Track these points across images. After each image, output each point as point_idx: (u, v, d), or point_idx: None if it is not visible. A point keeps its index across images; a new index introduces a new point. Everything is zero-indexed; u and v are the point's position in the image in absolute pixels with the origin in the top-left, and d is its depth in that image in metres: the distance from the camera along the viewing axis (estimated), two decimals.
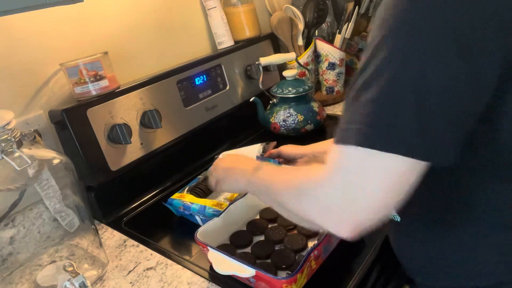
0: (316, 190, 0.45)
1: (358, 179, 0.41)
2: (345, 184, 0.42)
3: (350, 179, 0.41)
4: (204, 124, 1.03)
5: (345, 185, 0.42)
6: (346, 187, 0.42)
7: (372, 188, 0.40)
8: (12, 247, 0.74)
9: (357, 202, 0.41)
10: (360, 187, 0.41)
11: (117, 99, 0.84)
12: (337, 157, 0.43)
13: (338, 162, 0.43)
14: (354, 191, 0.41)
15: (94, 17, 0.89)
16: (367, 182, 0.40)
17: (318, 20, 1.26)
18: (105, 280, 0.68)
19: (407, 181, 0.40)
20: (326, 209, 0.44)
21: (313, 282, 0.61)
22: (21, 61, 0.78)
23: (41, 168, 0.65)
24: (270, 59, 1.12)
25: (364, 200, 0.41)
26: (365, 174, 0.40)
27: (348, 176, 0.41)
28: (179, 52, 1.08)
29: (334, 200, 0.42)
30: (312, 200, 0.45)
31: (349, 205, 0.42)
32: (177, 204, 0.81)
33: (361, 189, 0.41)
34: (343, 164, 0.42)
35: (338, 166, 0.43)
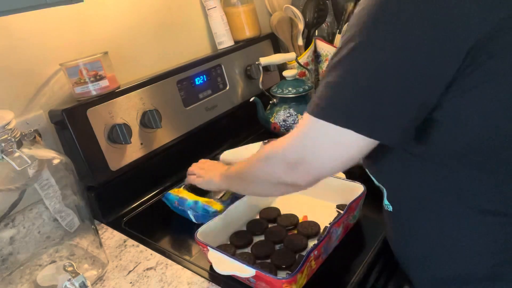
0: (279, 151, 0.54)
1: (311, 143, 0.49)
2: (301, 146, 0.51)
3: (305, 143, 0.50)
4: (204, 124, 1.03)
5: (301, 147, 0.51)
6: (302, 148, 0.50)
7: (322, 152, 0.49)
8: (12, 247, 0.74)
9: (310, 162, 0.50)
10: (312, 150, 0.50)
11: (117, 99, 0.84)
12: (301, 124, 0.51)
13: (300, 128, 0.51)
14: (307, 152, 0.50)
15: (94, 17, 0.89)
16: (318, 147, 0.49)
17: (318, 20, 1.26)
18: (105, 280, 0.68)
19: (353, 152, 0.48)
20: (286, 165, 0.53)
21: (313, 282, 0.61)
22: (21, 61, 0.78)
23: (41, 168, 0.65)
24: (270, 59, 1.12)
25: (315, 160, 0.50)
26: (317, 140, 0.49)
27: (305, 141, 0.50)
28: (179, 52, 1.08)
29: (291, 158, 0.52)
30: (276, 160, 0.55)
31: (303, 163, 0.51)
32: (172, 199, 0.82)
33: (313, 151, 0.50)
34: (303, 130, 0.50)
35: (299, 131, 0.51)
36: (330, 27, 1.36)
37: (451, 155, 0.48)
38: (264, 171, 0.58)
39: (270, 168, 0.56)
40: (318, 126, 0.47)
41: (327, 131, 0.47)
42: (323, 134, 0.48)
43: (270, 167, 0.56)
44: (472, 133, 0.46)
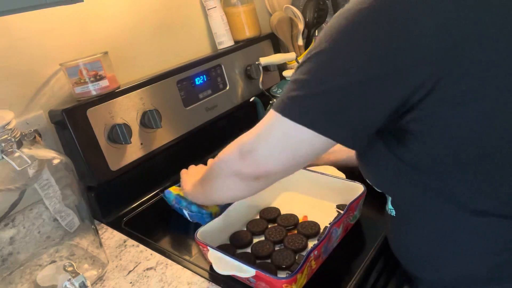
0: (239, 140, 0.55)
1: (265, 133, 0.51)
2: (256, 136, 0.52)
3: (259, 133, 0.52)
4: (204, 124, 1.03)
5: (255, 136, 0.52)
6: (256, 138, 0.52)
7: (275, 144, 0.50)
8: (12, 247, 0.74)
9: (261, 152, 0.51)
10: (265, 141, 0.51)
11: (117, 99, 0.84)
12: (265, 117, 0.52)
13: (263, 120, 0.52)
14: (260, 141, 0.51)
15: (94, 17, 0.89)
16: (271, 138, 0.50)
17: (318, 20, 1.26)
18: (105, 280, 0.68)
19: (306, 149, 0.49)
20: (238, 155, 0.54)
21: (313, 282, 0.61)
22: (21, 61, 0.78)
23: (41, 168, 0.65)
24: (270, 59, 1.12)
25: (263, 149, 0.51)
26: (271, 131, 0.50)
27: (260, 131, 0.52)
28: (179, 52, 1.08)
29: (245, 148, 0.53)
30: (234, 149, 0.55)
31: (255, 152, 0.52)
32: (171, 197, 0.82)
33: (265, 141, 0.51)
34: (262, 122, 0.52)
35: (259, 123, 0.52)
36: None
37: (438, 162, 0.48)
38: (220, 163, 0.59)
39: (226, 157, 0.57)
40: (275, 119, 0.49)
41: (282, 124, 0.49)
42: (278, 126, 0.49)
43: (227, 156, 0.57)
44: (455, 142, 0.46)
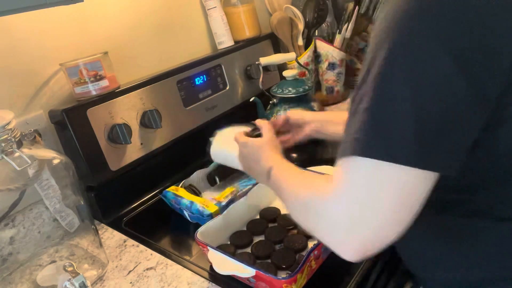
0: (321, 206, 0.43)
1: (364, 194, 0.38)
2: (351, 201, 0.39)
3: (355, 195, 0.39)
4: (204, 124, 1.03)
5: (350, 201, 0.39)
6: (351, 203, 0.39)
7: (380, 204, 0.38)
8: (12, 247, 0.74)
9: (364, 221, 0.39)
10: (367, 204, 0.38)
11: (117, 99, 0.84)
12: (341, 170, 0.41)
13: (342, 176, 0.41)
14: (361, 208, 0.39)
15: (94, 17, 0.89)
16: (373, 198, 0.38)
17: (318, 20, 1.26)
18: (105, 280, 0.68)
19: (416, 194, 0.38)
20: (331, 227, 0.41)
21: (313, 282, 0.61)
22: (21, 61, 0.78)
23: (41, 168, 0.65)
24: (270, 59, 1.12)
25: (372, 218, 0.38)
26: (370, 188, 0.38)
27: (353, 192, 0.39)
28: (179, 52, 1.08)
29: (340, 218, 0.40)
30: (318, 217, 0.44)
31: (356, 224, 0.39)
32: (170, 197, 0.82)
33: (368, 205, 0.38)
34: (347, 178, 0.40)
35: (342, 180, 0.41)
36: (330, 27, 1.36)
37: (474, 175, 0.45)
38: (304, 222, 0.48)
39: (310, 224, 0.46)
40: (369, 168, 0.38)
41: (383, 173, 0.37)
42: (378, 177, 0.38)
43: (311, 224, 0.46)
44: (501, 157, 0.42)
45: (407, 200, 0.38)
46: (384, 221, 0.39)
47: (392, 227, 0.39)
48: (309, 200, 0.46)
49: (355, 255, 0.40)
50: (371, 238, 0.39)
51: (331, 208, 0.41)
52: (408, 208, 0.39)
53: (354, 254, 0.40)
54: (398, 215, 0.39)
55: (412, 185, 0.38)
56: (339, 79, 1.29)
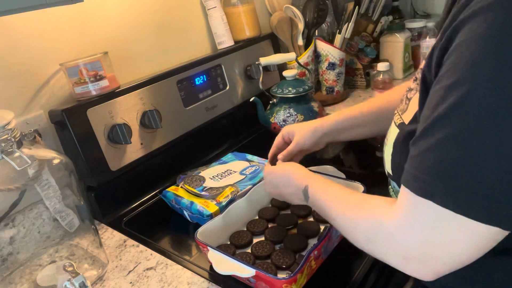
0: (390, 240, 0.42)
1: (437, 238, 0.38)
2: (423, 241, 0.39)
3: (428, 237, 0.39)
4: (204, 124, 1.03)
5: (423, 241, 0.39)
6: (424, 243, 0.39)
7: (454, 249, 0.38)
8: (12, 247, 0.74)
9: (437, 258, 0.39)
10: (440, 246, 0.39)
11: (117, 99, 0.84)
12: (411, 206, 0.40)
13: (413, 213, 0.40)
14: (434, 248, 0.39)
15: (94, 17, 0.89)
16: (447, 243, 0.38)
17: (318, 20, 1.26)
18: (105, 280, 0.68)
19: (491, 244, 0.38)
20: (404, 258, 0.42)
21: (313, 282, 0.61)
22: (21, 61, 0.78)
23: (41, 168, 0.65)
24: (270, 59, 1.12)
25: (444, 257, 0.39)
26: (445, 234, 0.38)
27: (426, 233, 0.39)
28: (179, 52, 1.08)
29: (412, 252, 0.40)
30: (387, 248, 0.43)
31: (429, 259, 0.40)
32: (170, 197, 0.82)
33: (441, 248, 0.39)
34: (418, 218, 0.39)
35: (412, 218, 0.40)
36: (330, 27, 1.36)
37: None
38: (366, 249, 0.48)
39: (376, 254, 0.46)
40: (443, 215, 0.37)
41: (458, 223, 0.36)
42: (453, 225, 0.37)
43: (377, 254, 0.46)
44: None
45: (482, 247, 0.38)
46: (458, 261, 0.39)
47: (464, 263, 0.40)
48: (372, 227, 0.45)
49: (431, 279, 0.41)
50: (444, 269, 0.40)
51: (401, 241, 0.41)
52: (482, 251, 0.39)
53: (430, 279, 0.41)
54: (471, 257, 0.39)
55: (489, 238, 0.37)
56: (339, 79, 1.29)
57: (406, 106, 0.53)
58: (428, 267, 0.41)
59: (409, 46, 1.36)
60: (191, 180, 0.86)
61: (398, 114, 0.54)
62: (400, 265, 0.43)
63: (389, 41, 1.34)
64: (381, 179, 0.55)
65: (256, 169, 0.88)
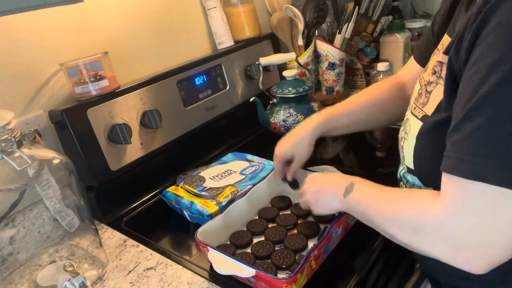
0: (439, 229, 0.41)
1: (492, 221, 0.37)
2: (476, 226, 0.38)
3: (481, 221, 0.38)
4: (204, 124, 1.03)
5: (476, 226, 0.38)
6: (477, 229, 0.38)
7: (508, 229, 0.37)
8: (12, 247, 0.74)
9: (491, 244, 0.39)
10: (495, 230, 0.38)
11: (117, 99, 0.84)
12: (460, 192, 0.39)
13: (463, 199, 0.39)
14: (488, 233, 0.38)
15: (94, 18, 0.89)
16: (503, 225, 0.37)
17: (318, 20, 1.26)
18: (105, 280, 0.68)
19: None
20: (453, 249, 0.41)
21: (313, 282, 0.61)
22: (21, 61, 0.78)
23: (41, 168, 0.65)
24: (270, 59, 1.12)
25: (499, 241, 0.38)
26: (501, 216, 0.37)
27: (479, 218, 0.38)
28: (179, 52, 1.08)
29: (464, 241, 0.40)
30: (435, 239, 0.42)
31: (482, 246, 0.39)
32: (170, 197, 0.82)
33: (496, 231, 0.38)
34: (469, 202, 0.39)
35: (463, 204, 0.39)
36: (330, 27, 1.36)
37: None
38: (412, 244, 0.46)
39: (423, 247, 0.45)
40: (493, 193, 0.36)
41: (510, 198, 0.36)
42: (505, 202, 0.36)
43: (424, 246, 0.44)
44: None
45: None
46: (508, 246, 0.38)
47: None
48: (418, 223, 0.44)
49: (481, 271, 0.40)
50: (497, 258, 0.39)
51: (453, 231, 0.40)
52: None
53: (480, 271, 0.40)
54: None
55: None
56: (339, 79, 1.29)
57: (427, 99, 0.52)
58: (480, 256, 0.39)
59: (409, 46, 1.36)
60: (191, 180, 0.86)
61: (418, 107, 0.54)
62: (448, 257, 0.42)
63: (389, 41, 1.34)
64: (381, 179, 0.55)
65: (256, 169, 0.88)
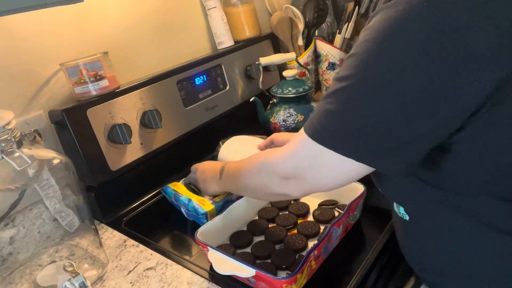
0: (274, 166, 0.54)
1: (307, 165, 0.49)
2: (297, 165, 0.50)
3: (301, 163, 0.49)
4: (204, 124, 1.03)
5: (296, 165, 0.50)
6: (297, 166, 0.50)
7: (318, 175, 0.49)
8: (12, 247, 0.74)
9: (305, 179, 0.50)
10: (308, 171, 0.49)
11: (117, 99, 0.84)
12: (297, 141, 0.50)
13: (297, 145, 0.50)
14: (303, 171, 0.50)
15: (94, 17, 0.89)
16: (314, 169, 0.48)
17: (318, 20, 1.26)
18: (105, 280, 0.68)
19: (351, 176, 0.48)
20: (280, 180, 0.53)
21: (313, 282, 0.61)
22: (21, 61, 0.78)
23: (41, 168, 0.65)
24: (270, 59, 1.12)
25: (311, 179, 0.50)
26: (314, 162, 0.48)
27: (300, 160, 0.49)
28: (179, 52, 1.08)
29: (287, 174, 0.52)
30: (271, 173, 0.54)
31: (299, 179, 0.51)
32: (170, 193, 0.83)
33: (309, 172, 0.49)
34: (300, 148, 0.50)
35: (295, 148, 0.50)
36: (330, 27, 1.36)
37: (463, 184, 0.46)
38: (255, 182, 0.59)
39: (262, 180, 0.57)
40: (316, 149, 0.46)
41: (325, 155, 0.46)
42: (321, 157, 0.46)
43: (262, 180, 0.57)
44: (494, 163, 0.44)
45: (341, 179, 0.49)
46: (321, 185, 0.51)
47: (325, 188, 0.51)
48: (263, 163, 0.57)
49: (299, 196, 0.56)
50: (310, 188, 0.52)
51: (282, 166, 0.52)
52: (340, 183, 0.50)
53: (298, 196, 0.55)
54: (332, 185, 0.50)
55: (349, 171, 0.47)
56: None
57: None
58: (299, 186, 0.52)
59: None
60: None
61: None
62: (278, 186, 0.54)
63: None
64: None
65: None
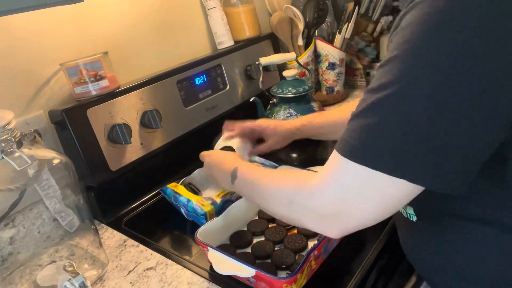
0: (310, 199, 0.46)
1: (353, 195, 0.42)
2: (339, 198, 0.43)
3: (345, 194, 0.43)
4: (204, 124, 1.03)
5: (339, 198, 0.43)
6: (340, 200, 0.43)
7: (366, 206, 0.42)
8: (12, 247, 0.74)
9: (349, 215, 0.43)
10: (354, 204, 0.42)
11: (117, 99, 0.84)
12: (334, 167, 0.44)
13: (334, 173, 0.44)
14: (348, 205, 0.43)
15: (94, 17, 0.89)
16: (361, 200, 0.42)
17: (318, 20, 1.26)
18: (105, 280, 0.68)
19: (402, 202, 0.42)
20: (318, 217, 0.46)
21: (313, 282, 0.61)
22: (21, 61, 0.78)
23: (41, 168, 0.65)
24: (270, 59, 1.12)
25: (356, 214, 0.43)
26: (361, 192, 0.42)
27: (343, 191, 0.43)
28: (179, 52, 1.08)
29: (327, 211, 0.45)
30: (306, 208, 0.47)
31: (341, 217, 0.44)
32: (169, 194, 0.82)
33: (355, 205, 0.42)
34: (338, 176, 0.43)
35: (332, 177, 0.44)
36: (330, 27, 1.36)
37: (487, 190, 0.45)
38: (285, 214, 0.52)
39: (293, 215, 0.50)
40: (360, 173, 0.40)
41: (372, 179, 0.40)
42: (367, 182, 0.41)
43: (294, 214, 0.50)
44: None
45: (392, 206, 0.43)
46: (366, 218, 0.44)
47: (371, 222, 0.44)
48: (294, 188, 0.49)
49: (337, 236, 0.47)
50: (351, 227, 0.45)
51: (319, 202, 0.45)
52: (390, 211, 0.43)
53: (336, 236, 0.46)
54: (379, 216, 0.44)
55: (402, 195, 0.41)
56: (339, 79, 1.29)
57: None
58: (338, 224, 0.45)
59: None
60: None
61: None
62: (314, 225, 0.47)
63: None
64: None
65: None
